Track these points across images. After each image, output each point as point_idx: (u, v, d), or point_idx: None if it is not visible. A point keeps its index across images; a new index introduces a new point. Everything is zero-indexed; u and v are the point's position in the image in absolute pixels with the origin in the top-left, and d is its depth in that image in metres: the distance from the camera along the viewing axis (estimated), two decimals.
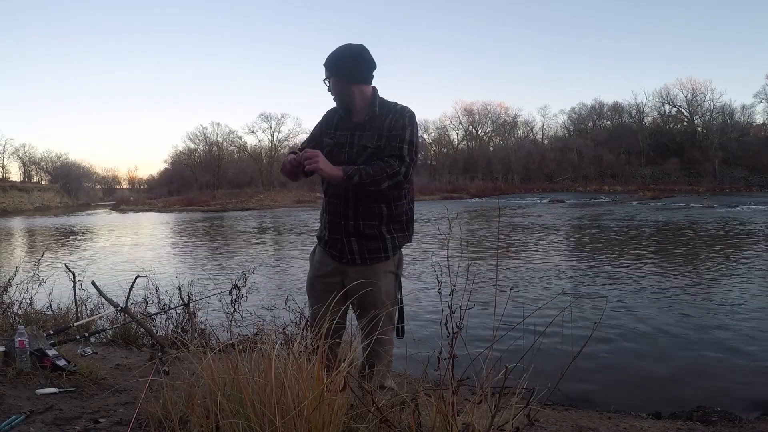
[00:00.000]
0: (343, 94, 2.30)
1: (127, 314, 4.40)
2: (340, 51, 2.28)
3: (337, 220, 2.30)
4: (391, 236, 2.30)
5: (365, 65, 2.30)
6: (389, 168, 2.14)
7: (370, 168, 2.13)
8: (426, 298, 7.29)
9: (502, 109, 74.30)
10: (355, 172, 2.12)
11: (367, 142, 2.24)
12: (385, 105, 2.31)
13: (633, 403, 3.81)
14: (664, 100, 63.89)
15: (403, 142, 2.20)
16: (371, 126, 2.27)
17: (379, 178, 2.13)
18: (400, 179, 2.17)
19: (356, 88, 2.28)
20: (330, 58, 2.28)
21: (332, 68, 2.28)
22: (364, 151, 2.24)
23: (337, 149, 2.29)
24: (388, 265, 2.32)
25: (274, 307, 4.30)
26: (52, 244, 19.57)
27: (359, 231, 2.26)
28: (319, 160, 2.09)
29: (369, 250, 2.28)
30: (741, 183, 50.48)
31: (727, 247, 12.89)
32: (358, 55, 2.29)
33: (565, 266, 10.67)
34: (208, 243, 19.21)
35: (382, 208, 2.25)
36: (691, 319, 6.26)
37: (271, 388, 1.65)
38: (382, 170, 2.13)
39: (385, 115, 2.28)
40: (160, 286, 5.19)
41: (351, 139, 2.28)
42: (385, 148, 2.20)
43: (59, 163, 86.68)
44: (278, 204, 48.53)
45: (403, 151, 2.18)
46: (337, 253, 2.32)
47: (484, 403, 1.63)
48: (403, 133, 2.21)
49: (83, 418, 2.23)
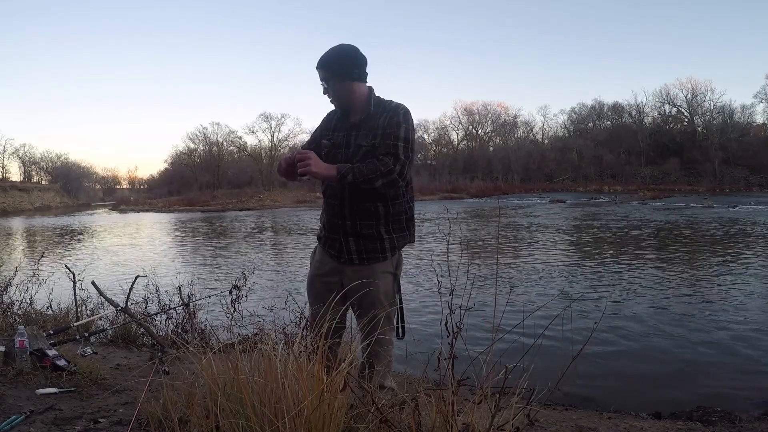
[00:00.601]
0: (342, 94, 2.29)
1: (127, 314, 4.40)
2: (335, 51, 2.28)
3: (334, 220, 2.30)
4: (389, 236, 2.29)
5: (360, 63, 2.30)
6: (383, 166, 2.11)
7: (364, 166, 2.11)
8: (426, 298, 7.29)
9: (502, 109, 74.43)
10: (348, 170, 2.10)
11: (362, 141, 2.24)
12: (380, 104, 2.31)
13: (633, 403, 3.81)
14: (664, 100, 64.01)
15: (398, 139, 2.18)
16: (366, 125, 2.27)
17: (372, 176, 2.10)
18: (394, 177, 2.14)
19: (353, 86, 2.28)
20: (325, 59, 2.27)
21: (328, 68, 2.27)
22: (360, 150, 2.24)
23: (334, 150, 2.30)
24: (387, 266, 2.31)
25: (274, 307, 4.30)
26: (52, 244, 19.57)
27: (357, 231, 2.26)
28: (311, 163, 2.07)
29: (367, 250, 2.28)
30: (741, 183, 50.47)
31: (726, 248, 12.89)
32: (353, 54, 2.29)
33: (564, 266, 10.68)
34: (208, 243, 19.20)
35: (378, 207, 2.25)
36: (691, 319, 6.26)
37: (271, 388, 1.65)
38: (376, 168, 2.11)
39: (380, 113, 2.27)
40: (160, 286, 5.19)
41: (347, 139, 2.29)
42: (380, 146, 2.19)
43: (59, 163, 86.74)
44: (278, 204, 48.54)
45: (398, 149, 2.16)
46: (336, 252, 2.32)
47: (484, 403, 1.63)
48: (397, 130, 2.19)
49: (83, 418, 2.23)
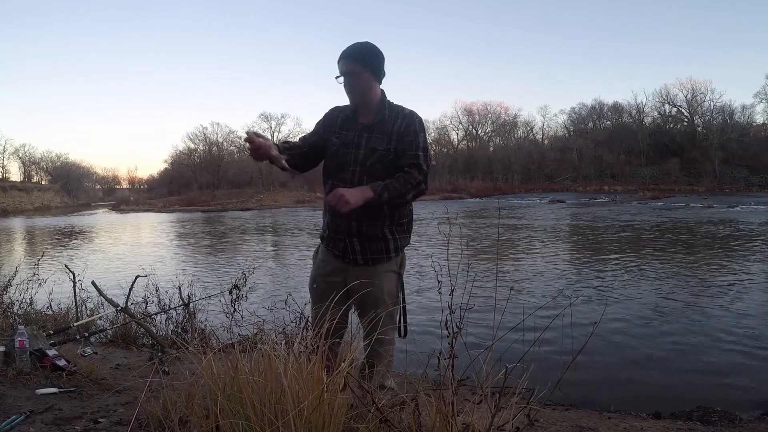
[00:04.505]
0: (362, 88, 2.24)
1: (127, 314, 4.40)
2: (367, 46, 2.24)
3: (339, 220, 2.27)
4: (393, 237, 2.29)
5: (382, 63, 2.27)
6: (412, 179, 2.15)
7: (396, 182, 2.14)
8: (426, 298, 7.29)
9: (502, 109, 74.45)
10: (383, 189, 2.12)
11: (377, 145, 2.22)
12: (393, 108, 2.29)
13: (633, 403, 3.81)
14: (664, 100, 63.98)
15: (418, 149, 2.21)
16: (380, 128, 2.24)
17: (404, 190, 2.14)
18: (422, 188, 2.19)
19: (373, 83, 2.26)
20: (353, 49, 2.22)
21: (357, 59, 2.21)
22: (374, 154, 2.22)
23: (344, 149, 2.26)
24: (391, 265, 2.32)
25: (274, 307, 4.30)
26: (52, 244, 19.56)
27: (362, 231, 2.25)
28: (350, 201, 2.05)
29: (372, 250, 2.27)
30: (741, 183, 50.41)
31: (726, 248, 12.89)
32: (379, 53, 2.26)
33: (564, 266, 10.68)
34: (208, 243, 19.19)
35: (384, 209, 2.24)
36: (691, 319, 6.26)
37: (271, 388, 1.65)
38: (407, 182, 2.15)
39: (393, 118, 2.25)
40: (159, 286, 5.19)
41: (358, 140, 2.25)
42: (402, 155, 2.20)
43: (59, 163, 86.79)
44: (278, 204, 48.51)
45: (419, 159, 2.19)
46: (340, 252, 2.30)
47: (484, 403, 1.63)
48: (416, 140, 2.21)
49: (83, 418, 2.23)
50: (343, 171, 2.25)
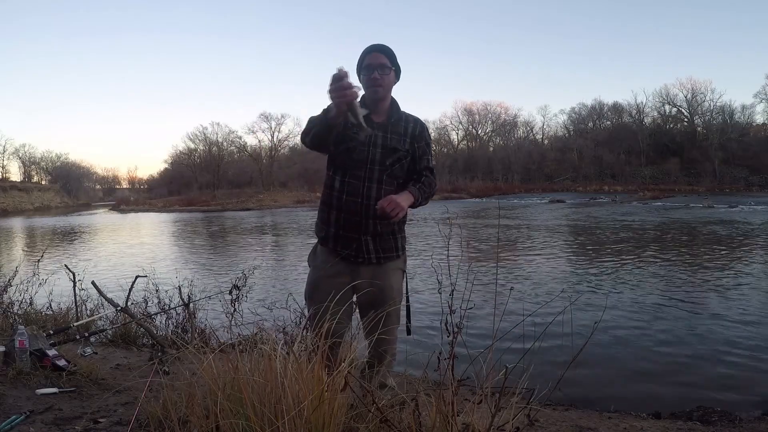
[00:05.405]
0: (390, 88, 2.31)
1: (127, 314, 4.40)
2: (387, 46, 2.30)
3: (356, 218, 2.25)
4: (401, 235, 2.39)
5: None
6: (433, 183, 2.42)
7: (425, 187, 2.36)
8: (426, 298, 7.28)
9: (502, 109, 74.44)
10: (419, 194, 2.31)
11: (396, 145, 2.29)
12: (401, 110, 2.37)
13: (633, 403, 3.81)
14: (664, 100, 63.93)
15: (431, 155, 2.45)
16: (394, 129, 2.30)
17: (429, 195, 2.39)
18: (436, 190, 2.44)
19: (393, 83, 2.33)
20: (387, 48, 2.29)
21: (391, 58, 2.28)
22: (394, 153, 2.29)
23: (359, 146, 2.27)
24: (399, 263, 2.38)
25: (274, 307, 4.30)
26: (51, 244, 19.56)
27: (377, 230, 2.27)
28: (403, 206, 2.20)
29: (384, 248, 2.31)
30: (741, 183, 50.38)
31: (727, 248, 12.88)
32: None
33: (565, 266, 10.67)
34: (208, 243, 19.19)
35: None
36: (691, 319, 6.25)
37: (271, 388, 1.64)
38: (431, 186, 2.40)
39: (404, 120, 2.34)
40: (160, 286, 5.18)
41: (374, 138, 2.27)
42: (418, 159, 2.36)
43: (59, 163, 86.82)
44: (278, 204, 48.47)
45: (430, 163, 2.43)
46: (352, 252, 2.27)
47: (484, 403, 1.63)
48: (428, 147, 2.42)
49: (83, 418, 2.23)
50: (358, 168, 2.26)
